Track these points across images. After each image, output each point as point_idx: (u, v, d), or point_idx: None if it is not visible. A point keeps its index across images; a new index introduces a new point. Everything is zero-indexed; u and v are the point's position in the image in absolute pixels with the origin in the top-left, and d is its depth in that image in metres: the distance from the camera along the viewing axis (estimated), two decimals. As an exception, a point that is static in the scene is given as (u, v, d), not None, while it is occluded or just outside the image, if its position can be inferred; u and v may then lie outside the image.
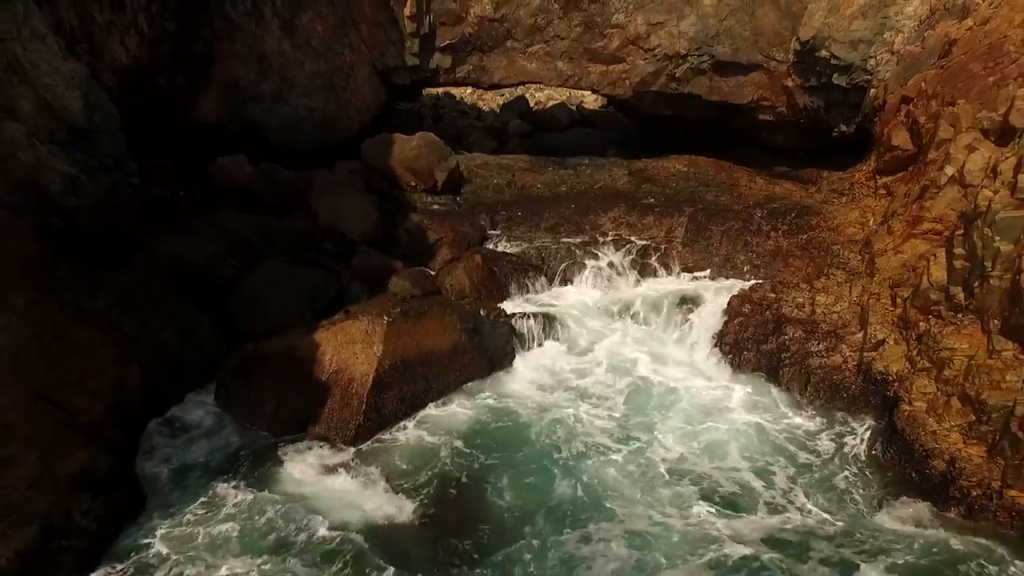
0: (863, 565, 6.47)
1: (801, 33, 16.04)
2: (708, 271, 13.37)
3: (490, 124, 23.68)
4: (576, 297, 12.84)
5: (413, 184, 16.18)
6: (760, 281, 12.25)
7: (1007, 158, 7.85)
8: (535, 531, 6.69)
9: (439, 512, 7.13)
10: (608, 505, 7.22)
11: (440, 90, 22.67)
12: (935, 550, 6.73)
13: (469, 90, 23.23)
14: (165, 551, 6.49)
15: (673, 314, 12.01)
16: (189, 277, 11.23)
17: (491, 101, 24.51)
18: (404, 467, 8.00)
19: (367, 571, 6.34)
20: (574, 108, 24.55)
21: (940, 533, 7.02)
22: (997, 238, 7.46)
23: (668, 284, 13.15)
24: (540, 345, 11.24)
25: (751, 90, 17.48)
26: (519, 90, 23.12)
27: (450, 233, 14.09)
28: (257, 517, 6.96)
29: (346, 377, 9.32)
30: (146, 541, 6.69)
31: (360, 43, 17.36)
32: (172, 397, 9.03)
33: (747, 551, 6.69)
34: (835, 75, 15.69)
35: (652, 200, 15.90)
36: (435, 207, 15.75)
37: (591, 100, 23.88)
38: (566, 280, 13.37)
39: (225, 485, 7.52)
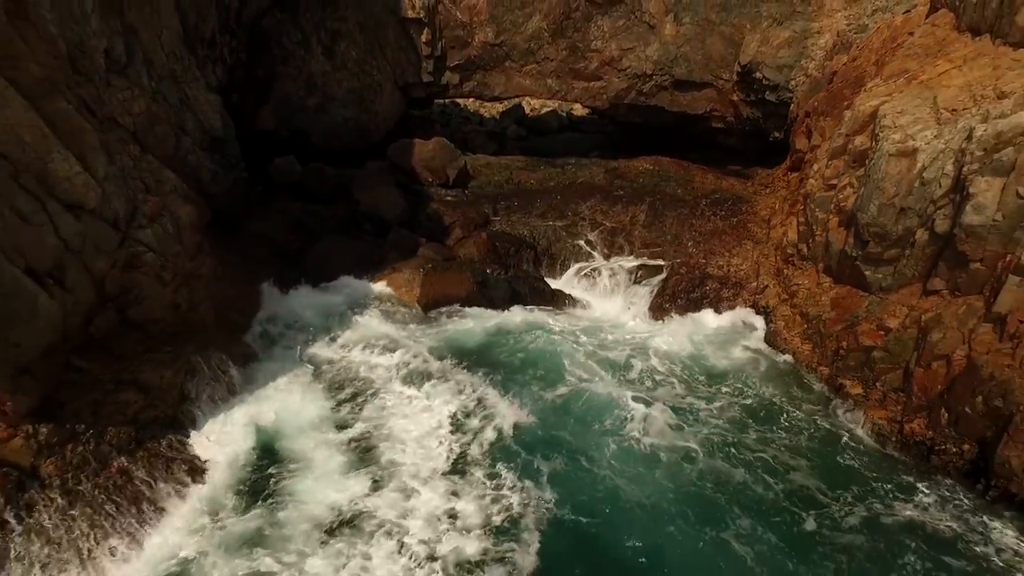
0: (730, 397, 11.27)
1: (741, 58, 20.95)
2: (661, 247, 18.15)
3: (490, 129, 28.51)
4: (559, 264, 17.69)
5: (430, 179, 21.00)
6: (696, 251, 17.09)
7: (821, 159, 12.73)
8: (510, 374, 11.58)
9: (454, 360, 12.02)
10: (568, 363, 12.10)
11: (447, 100, 27.45)
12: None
13: (472, 99, 27.99)
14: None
15: (632, 275, 16.85)
16: (270, 246, 16.06)
17: (491, 109, 29.39)
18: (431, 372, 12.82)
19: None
20: (564, 115, 29.42)
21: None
22: (817, 210, 12.32)
23: (630, 256, 17.97)
24: (531, 295, 16.02)
25: (704, 103, 22.39)
26: (516, 99, 27.89)
27: (461, 217, 18.92)
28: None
29: (398, 297, 14.15)
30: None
31: (386, 64, 22.27)
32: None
33: (655, 390, 11.51)
34: (767, 92, 20.58)
35: (622, 192, 20.76)
36: (448, 197, 20.53)
37: (579, 107, 28.62)
38: (552, 252, 18.20)
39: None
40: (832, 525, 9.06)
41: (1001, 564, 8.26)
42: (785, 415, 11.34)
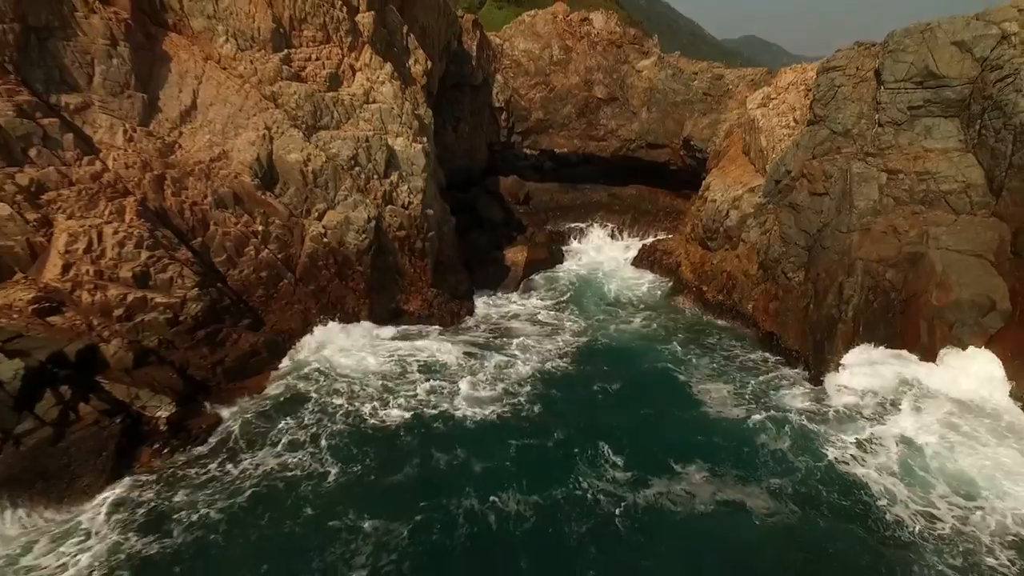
0: (645, 317, 33.22)
1: (683, 133, 43.42)
2: (637, 236, 40.53)
3: (533, 164, 50.80)
4: (584, 246, 40.03)
5: (510, 199, 43.28)
6: (654, 239, 39.44)
7: (698, 196, 34.94)
8: (579, 293, 33.65)
9: (545, 292, 34.05)
10: (589, 289, 34.26)
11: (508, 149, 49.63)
12: (673, 309, 33.51)
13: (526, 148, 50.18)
14: (483, 311, 32.95)
15: (622, 250, 39.18)
16: (445, 235, 38.25)
17: (533, 150, 51.65)
18: (539, 284, 34.89)
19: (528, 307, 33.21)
20: (580, 153, 51.71)
21: (680, 304, 33.62)
22: (694, 218, 34.49)
23: (621, 241, 40.37)
24: (573, 260, 38.32)
25: (665, 155, 44.86)
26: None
27: (532, 220, 41.39)
28: (494, 302, 33.57)
29: (514, 265, 36.38)
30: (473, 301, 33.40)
31: (482, 133, 44.55)
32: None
33: (602, 314, 33.49)
34: (697, 153, 43.03)
35: (617, 207, 43.28)
36: (521, 210, 42.96)
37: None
38: (582, 240, 40.49)
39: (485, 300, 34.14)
40: (685, 333, 30.90)
41: (716, 334, 30.06)
42: (677, 305, 33.42)
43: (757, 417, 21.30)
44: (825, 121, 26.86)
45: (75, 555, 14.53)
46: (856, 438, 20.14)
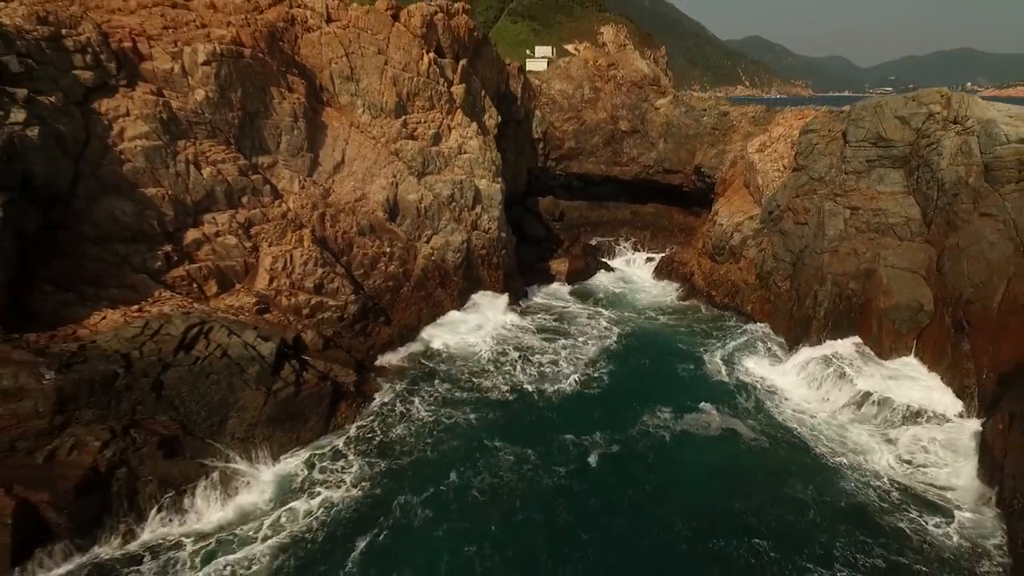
0: (668, 314, 42.99)
1: (694, 160, 53.53)
2: (656, 249, 50.47)
3: (562, 183, 60.70)
4: (613, 259, 49.91)
5: (547, 217, 53.18)
6: (670, 252, 49.38)
7: (707, 218, 44.71)
8: (614, 296, 43.47)
9: (587, 295, 43.91)
10: (621, 293, 44.10)
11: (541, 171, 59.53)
12: (689, 308, 43.39)
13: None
14: (543, 310, 42.82)
15: (645, 260, 49.10)
16: (499, 249, 48.18)
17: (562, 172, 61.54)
18: (580, 289, 44.77)
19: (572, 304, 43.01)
20: (604, 176, 61.62)
21: (694, 304, 43.50)
22: (704, 237, 44.27)
23: (643, 254, 50.29)
24: (603, 269, 48.22)
25: (679, 179, 54.94)
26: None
27: (568, 235, 51.39)
28: (548, 303, 43.44)
29: (558, 273, 46.36)
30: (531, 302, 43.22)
31: (523, 160, 54.48)
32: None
33: (634, 312, 43.32)
34: (706, 178, 53.14)
35: (639, 223, 53.42)
36: (558, 226, 53.13)
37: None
38: (610, 253, 50.41)
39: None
40: (699, 325, 40.65)
41: (722, 326, 39.82)
42: (692, 305, 43.26)
43: (746, 379, 31.50)
44: (805, 169, 36.69)
45: (340, 468, 24.42)
46: (814, 401, 30.07)
